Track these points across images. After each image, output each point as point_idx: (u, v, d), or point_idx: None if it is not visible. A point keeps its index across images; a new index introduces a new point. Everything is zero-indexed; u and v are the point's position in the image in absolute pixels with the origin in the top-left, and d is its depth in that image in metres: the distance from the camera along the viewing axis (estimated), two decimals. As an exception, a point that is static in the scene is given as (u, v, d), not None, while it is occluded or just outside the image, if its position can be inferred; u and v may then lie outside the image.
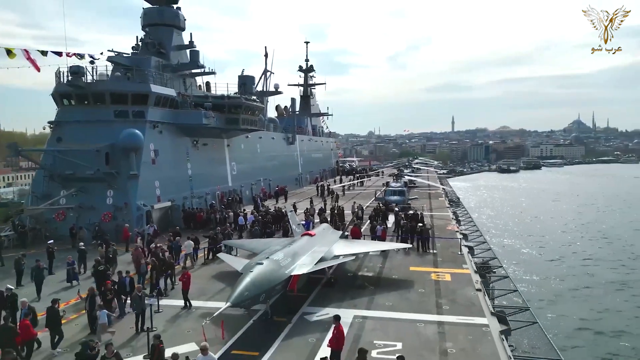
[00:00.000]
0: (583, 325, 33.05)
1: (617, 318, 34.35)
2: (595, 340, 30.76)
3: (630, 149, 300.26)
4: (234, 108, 41.37)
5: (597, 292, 40.69)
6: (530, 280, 43.45)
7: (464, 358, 12.76)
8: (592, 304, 37.30)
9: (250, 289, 13.94)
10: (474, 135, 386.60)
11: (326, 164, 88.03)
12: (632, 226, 72.28)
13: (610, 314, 35.18)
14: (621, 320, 33.84)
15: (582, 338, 31.05)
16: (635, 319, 34.32)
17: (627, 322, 33.53)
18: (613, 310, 35.94)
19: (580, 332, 32.01)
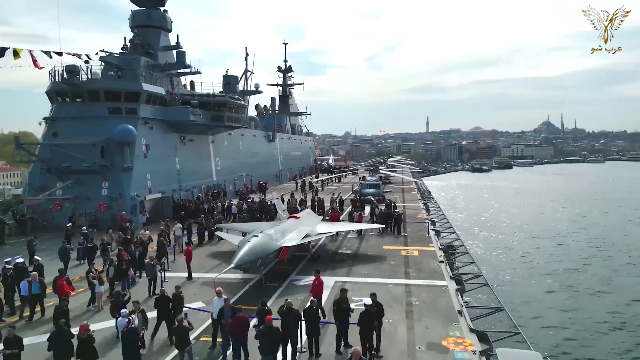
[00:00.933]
0: (529, 287, 40.10)
1: (554, 279, 42.68)
2: (536, 296, 37.68)
3: (596, 149, 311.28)
4: (219, 106, 43.80)
5: (541, 262, 48.77)
6: (488, 257, 50.48)
7: (425, 308, 15.69)
8: (538, 271, 45.40)
9: (249, 255, 16.64)
10: (448, 135, 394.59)
11: (305, 162, 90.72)
12: (579, 213, 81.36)
13: (549, 276, 43.58)
14: (554, 280, 42.42)
15: (526, 295, 37.50)
16: (557, 270, 44.41)
17: (557, 279, 42.32)
18: (552, 273, 44.64)
19: (526, 291, 38.79)
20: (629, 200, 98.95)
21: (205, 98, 43.65)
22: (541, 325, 30.35)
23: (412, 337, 13.24)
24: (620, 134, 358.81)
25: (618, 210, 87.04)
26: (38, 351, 11.97)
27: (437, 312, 15.11)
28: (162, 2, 45.53)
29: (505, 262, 49.53)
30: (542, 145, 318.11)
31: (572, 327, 30.89)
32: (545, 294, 38.59)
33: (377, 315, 12.04)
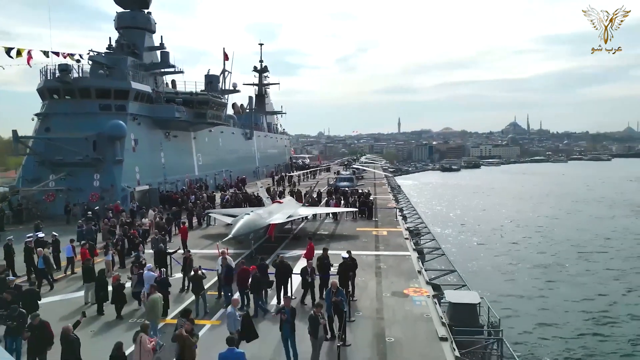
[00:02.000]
0: (480, 256, 48.14)
1: (501, 249, 51.55)
2: (485, 262, 45.98)
3: (560, 149, 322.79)
4: (201, 104, 46.37)
5: (492, 240, 57.82)
6: (449, 237, 57.57)
7: (391, 270, 18.93)
8: (489, 245, 54.53)
9: (244, 228, 19.60)
10: (419, 136, 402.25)
11: (281, 159, 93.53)
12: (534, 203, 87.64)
13: (498, 248, 52.83)
14: (502, 250, 51.30)
15: (477, 262, 45.28)
16: (505, 242, 53.33)
17: (504, 250, 51.31)
18: (501, 246, 53.79)
19: (477, 259, 46.94)
20: (566, 194, 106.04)
21: (188, 96, 46.12)
22: (486, 281, 36.76)
23: (380, 289, 16.45)
24: (582, 135, 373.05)
25: (562, 201, 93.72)
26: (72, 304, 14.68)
27: (401, 273, 18.37)
28: (146, 5, 47.75)
29: (462, 240, 57.67)
30: (509, 145, 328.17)
31: (510, 282, 38.99)
32: (493, 260, 47.41)
33: (352, 267, 15.17)
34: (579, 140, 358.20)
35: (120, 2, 46.38)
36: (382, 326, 13.02)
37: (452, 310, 14.07)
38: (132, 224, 24.95)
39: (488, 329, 13.88)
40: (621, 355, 24.95)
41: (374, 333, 12.61)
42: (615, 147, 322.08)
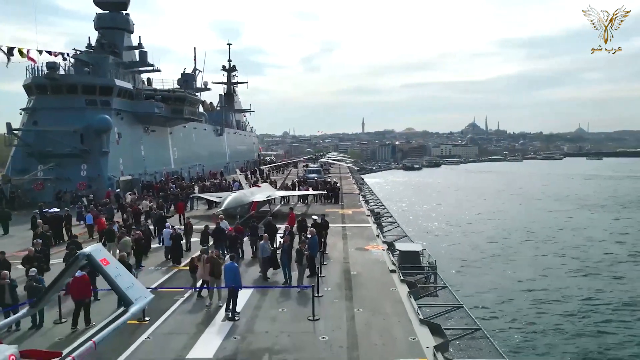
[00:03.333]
0: (425, 222, 56.35)
1: (448, 221, 60.65)
2: (433, 232, 53.25)
3: (516, 149, 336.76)
4: (179, 101, 49.51)
5: (441, 218, 65.43)
6: (405, 217, 63.82)
7: (355, 235, 23.11)
8: (440, 222, 62.89)
9: (232, 202, 23.46)
10: (383, 136, 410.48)
11: (249, 156, 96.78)
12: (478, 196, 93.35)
13: (445, 220, 61.78)
14: (448, 221, 61.37)
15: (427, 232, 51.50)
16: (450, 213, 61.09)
17: (449, 220, 60.34)
18: (447, 218, 62.66)
19: (423, 224, 54.93)
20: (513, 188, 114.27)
21: (166, 93, 49.16)
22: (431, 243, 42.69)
23: (346, 246, 20.60)
24: (537, 135, 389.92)
25: (512, 195, 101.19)
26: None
27: (363, 237, 22.61)
28: (124, 7, 50.43)
29: (418, 221, 64.87)
30: (468, 145, 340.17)
31: (452, 243, 47.44)
32: (440, 229, 57.69)
33: (324, 227, 19.24)
34: (533, 140, 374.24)
35: (99, 4, 48.94)
36: (348, 266, 17.16)
37: (401, 256, 18.29)
38: (132, 204, 28.28)
39: (427, 267, 18.17)
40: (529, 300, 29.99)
41: (342, 270, 16.75)
42: (566, 147, 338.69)
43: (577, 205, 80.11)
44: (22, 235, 23.31)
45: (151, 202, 31.53)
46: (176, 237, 17.15)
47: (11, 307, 11.49)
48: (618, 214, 69.84)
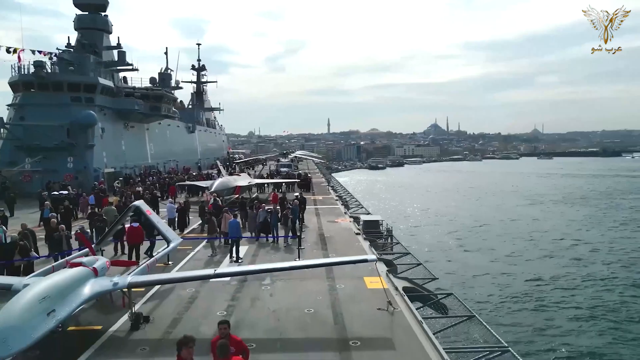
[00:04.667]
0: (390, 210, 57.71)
1: (410, 202, 63.59)
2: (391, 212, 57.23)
3: (476, 149, 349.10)
4: (157, 98, 52.37)
5: (402, 204, 72.58)
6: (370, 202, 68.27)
7: (326, 213, 27.10)
8: (400, 206, 68.37)
9: (219, 185, 27.11)
10: (348, 136, 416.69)
11: (219, 153, 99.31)
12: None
13: (407, 203, 64.63)
14: (407, 202, 66.32)
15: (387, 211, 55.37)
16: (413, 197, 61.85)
17: (412, 203, 59.18)
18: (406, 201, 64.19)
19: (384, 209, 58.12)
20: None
21: (144, 91, 51.93)
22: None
23: (320, 220, 24.60)
24: (495, 136, 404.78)
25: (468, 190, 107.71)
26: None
27: (333, 214, 26.67)
28: (103, 8, 52.81)
29: (379, 205, 71.02)
30: (430, 145, 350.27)
31: (407, 219, 52.76)
32: (400, 209, 65.61)
33: (302, 201, 23.16)
34: (492, 140, 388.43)
35: (79, 6, 51.20)
36: (322, 232, 21.20)
37: (364, 224, 22.33)
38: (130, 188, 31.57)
39: (385, 232, 22.36)
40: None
41: (318, 234, 20.78)
42: (523, 147, 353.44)
43: (529, 199, 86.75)
44: (28, 217, 26.00)
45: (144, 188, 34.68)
46: (183, 209, 20.68)
47: (67, 251, 14.92)
48: (570, 207, 76.17)
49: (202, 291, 12.88)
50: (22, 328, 7.54)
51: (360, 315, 10.82)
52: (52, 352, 8.85)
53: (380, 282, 12.26)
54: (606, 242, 45.24)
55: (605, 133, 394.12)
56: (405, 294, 12.24)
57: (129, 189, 31.67)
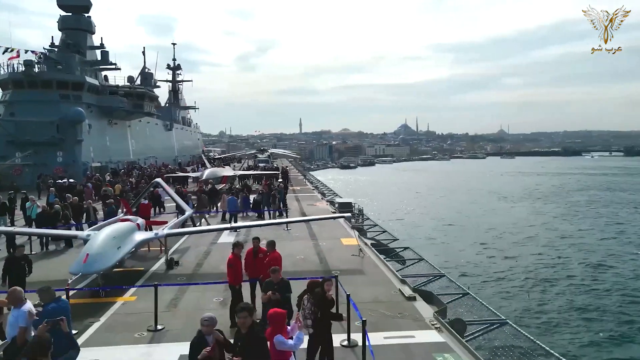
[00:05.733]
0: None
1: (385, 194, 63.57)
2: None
3: (444, 149, 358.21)
4: (139, 97, 54.80)
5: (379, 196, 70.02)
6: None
7: (306, 199, 30.52)
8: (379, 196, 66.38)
9: (209, 175, 30.35)
10: (320, 136, 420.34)
11: (195, 151, 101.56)
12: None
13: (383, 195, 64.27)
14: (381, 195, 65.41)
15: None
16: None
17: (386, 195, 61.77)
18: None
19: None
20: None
21: (128, 89, 54.30)
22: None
23: (300, 205, 28.04)
24: (463, 136, 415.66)
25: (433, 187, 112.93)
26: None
27: (311, 199, 30.20)
28: (87, 10, 54.87)
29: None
30: (400, 145, 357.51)
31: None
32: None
33: (285, 187, 26.57)
34: (460, 140, 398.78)
35: (63, 7, 53.15)
36: (304, 212, 24.66)
37: (339, 206, 25.88)
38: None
39: (357, 212, 25.99)
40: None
41: (300, 212, 24.24)
42: (489, 147, 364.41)
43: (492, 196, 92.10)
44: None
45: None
46: (180, 195, 23.78)
47: (92, 221, 17.96)
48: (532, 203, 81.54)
49: (213, 249, 16.21)
50: (104, 254, 10.80)
51: (339, 258, 14.38)
52: (114, 283, 12.05)
53: (354, 241, 15.84)
54: (569, 232, 49.11)
55: (566, 133, 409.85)
56: (373, 248, 15.86)
57: (126, 178, 34.45)
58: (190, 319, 9.77)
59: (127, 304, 10.61)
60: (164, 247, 13.78)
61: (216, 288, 11.40)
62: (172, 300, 10.73)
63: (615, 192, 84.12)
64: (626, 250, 35.77)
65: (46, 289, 6.38)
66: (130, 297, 11.00)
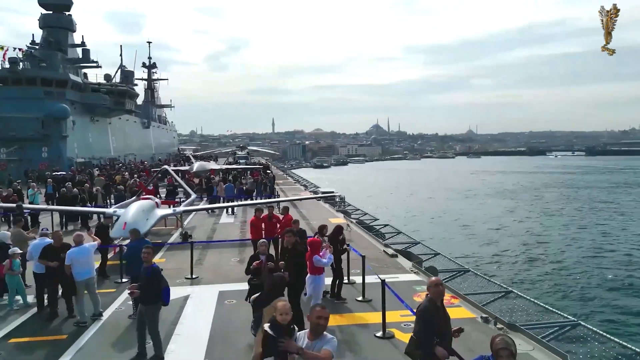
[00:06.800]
0: None
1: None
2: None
3: (415, 149, 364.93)
4: (121, 95, 55.95)
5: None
6: None
7: (290, 190, 32.78)
8: None
9: (199, 167, 32.31)
10: (293, 136, 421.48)
11: (171, 149, 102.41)
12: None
13: None
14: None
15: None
16: None
17: None
18: None
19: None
20: None
21: (109, 87, 55.37)
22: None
23: (287, 195, 30.26)
24: (433, 136, 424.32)
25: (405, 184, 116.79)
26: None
27: (295, 190, 32.47)
28: (68, 8, 55.63)
29: None
30: (373, 145, 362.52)
31: None
32: None
33: (273, 177, 28.78)
34: (430, 140, 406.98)
35: (44, 5, 53.83)
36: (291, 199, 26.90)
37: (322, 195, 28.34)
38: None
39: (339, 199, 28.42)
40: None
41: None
42: (458, 147, 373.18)
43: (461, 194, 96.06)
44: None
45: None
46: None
47: (100, 206, 19.83)
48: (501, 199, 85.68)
49: (218, 227, 18.36)
50: (138, 223, 12.85)
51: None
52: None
53: (341, 220, 18.23)
54: (535, 225, 52.76)
55: (532, 134, 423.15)
56: (358, 225, 18.30)
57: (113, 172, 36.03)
58: (216, 272, 12.02)
59: (159, 264, 12.70)
60: (180, 222, 15.89)
61: (231, 251, 13.61)
62: (197, 260, 12.87)
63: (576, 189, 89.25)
64: (582, 236, 39.31)
65: (134, 230, 8.59)
66: (160, 259, 13.08)
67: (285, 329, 4.09)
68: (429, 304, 5.17)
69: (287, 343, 3.85)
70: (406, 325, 7.86)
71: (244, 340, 7.50)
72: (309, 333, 4.09)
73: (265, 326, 4.21)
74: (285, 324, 4.09)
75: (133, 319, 8.32)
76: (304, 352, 3.85)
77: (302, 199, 19.92)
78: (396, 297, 8.08)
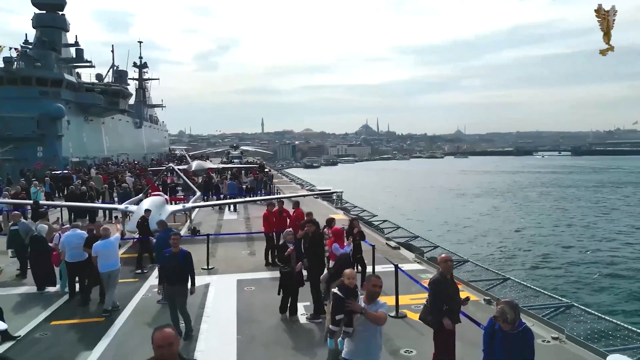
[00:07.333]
0: None
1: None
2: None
3: (404, 148, 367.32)
4: (115, 94, 56.12)
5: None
6: None
7: (287, 189, 33.43)
8: None
9: (197, 167, 32.83)
10: (282, 136, 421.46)
11: (162, 149, 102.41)
12: None
13: None
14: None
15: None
16: None
17: None
18: None
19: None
20: None
21: (104, 87, 55.52)
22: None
23: (284, 194, 30.92)
24: (422, 136, 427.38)
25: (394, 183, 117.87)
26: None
27: (292, 189, 33.09)
28: (61, 8, 55.67)
29: None
30: (362, 145, 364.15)
31: None
32: None
33: (271, 175, 29.41)
34: (419, 141, 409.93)
35: (37, 5, 53.82)
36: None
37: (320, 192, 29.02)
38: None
39: (335, 197, 29.15)
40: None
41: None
42: (447, 147, 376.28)
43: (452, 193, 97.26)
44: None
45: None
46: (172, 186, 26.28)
47: (109, 202, 20.32)
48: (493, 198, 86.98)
49: (223, 223, 18.98)
50: (151, 218, 13.43)
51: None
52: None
53: (341, 216, 18.94)
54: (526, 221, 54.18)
55: (519, 134, 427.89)
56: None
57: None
58: (229, 263, 12.65)
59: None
60: (190, 218, 16.51)
61: (240, 245, 14.26)
62: (210, 253, 13.49)
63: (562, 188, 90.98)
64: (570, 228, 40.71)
65: (161, 222, 9.20)
66: (174, 252, 13.67)
67: (351, 291, 4.93)
68: (440, 276, 6.04)
69: (353, 304, 4.64)
70: (416, 307, 8.61)
71: (270, 321, 8.19)
72: (364, 298, 4.90)
73: (335, 289, 4.98)
74: (352, 287, 4.91)
75: (162, 304, 8.95)
76: (367, 312, 4.62)
77: (305, 196, 20.58)
78: (410, 277, 8.90)
